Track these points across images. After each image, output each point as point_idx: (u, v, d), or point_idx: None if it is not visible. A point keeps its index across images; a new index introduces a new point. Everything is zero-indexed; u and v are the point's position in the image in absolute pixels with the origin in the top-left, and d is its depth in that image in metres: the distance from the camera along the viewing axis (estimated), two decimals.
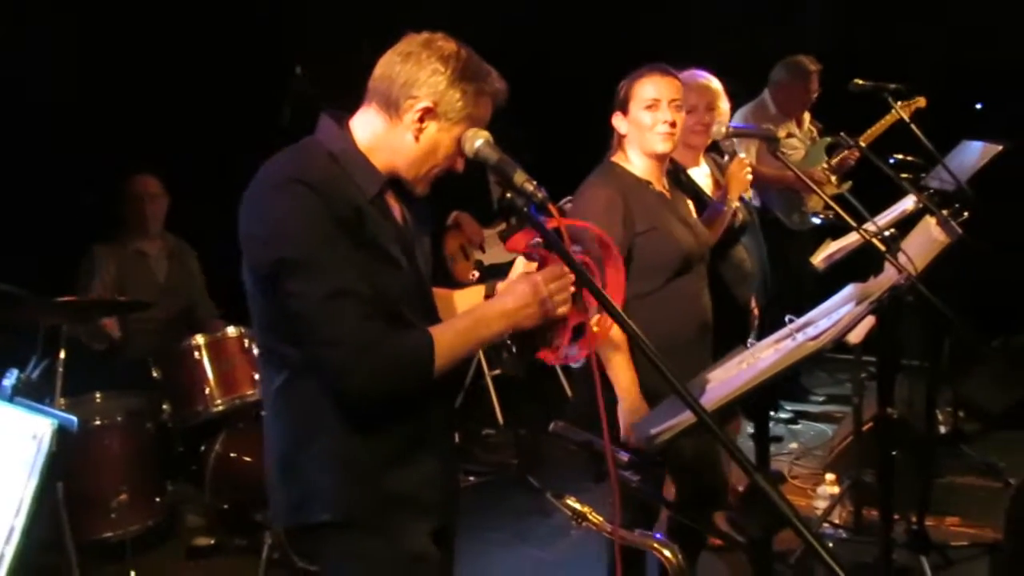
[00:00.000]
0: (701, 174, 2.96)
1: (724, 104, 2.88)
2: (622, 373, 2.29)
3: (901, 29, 5.32)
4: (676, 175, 2.65)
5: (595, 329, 1.64)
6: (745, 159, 2.84)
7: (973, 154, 4.03)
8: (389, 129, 1.62)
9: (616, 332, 2.16)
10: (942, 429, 3.99)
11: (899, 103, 3.65)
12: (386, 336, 1.54)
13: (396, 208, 1.69)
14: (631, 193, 2.38)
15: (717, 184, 2.94)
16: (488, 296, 1.79)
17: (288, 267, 1.51)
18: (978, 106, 5.18)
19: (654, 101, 2.37)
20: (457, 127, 1.61)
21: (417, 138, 1.61)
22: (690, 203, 2.64)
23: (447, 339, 1.59)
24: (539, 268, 1.67)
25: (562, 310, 1.61)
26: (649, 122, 2.37)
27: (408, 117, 1.59)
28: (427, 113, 1.59)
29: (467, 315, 1.67)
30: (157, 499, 3.53)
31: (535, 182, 1.57)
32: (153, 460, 3.53)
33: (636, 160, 2.46)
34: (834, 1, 5.60)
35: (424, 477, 1.67)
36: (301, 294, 1.51)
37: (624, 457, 1.68)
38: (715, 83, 2.89)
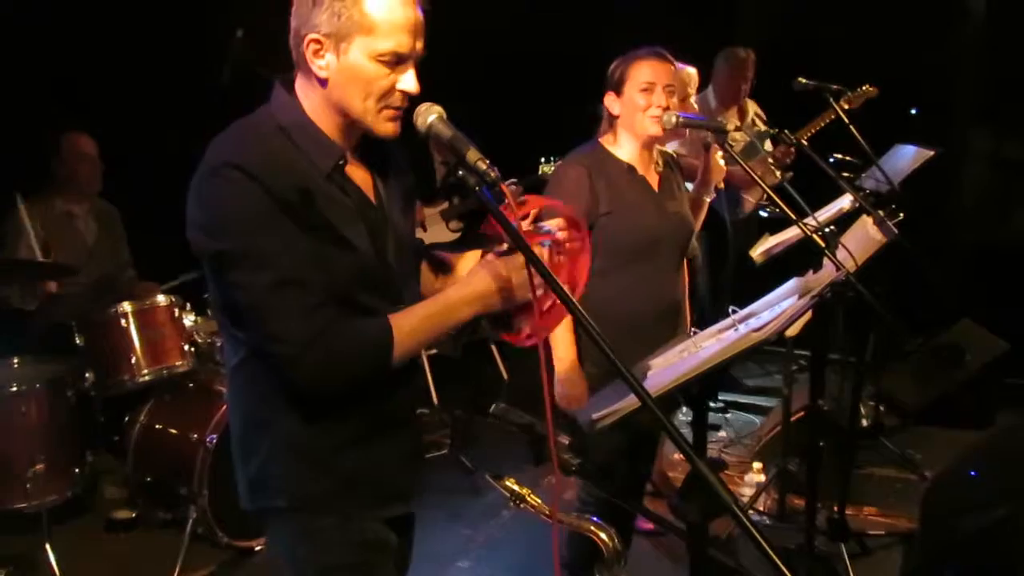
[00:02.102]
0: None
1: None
2: (561, 339, 2.37)
3: (833, 32, 5.46)
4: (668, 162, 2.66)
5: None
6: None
7: (906, 157, 4.16)
8: (310, 86, 1.51)
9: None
10: (864, 422, 4.12)
11: (848, 95, 3.76)
12: (336, 325, 1.47)
13: (366, 180, 1.59)
14: (602, 174, 2.41)
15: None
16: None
17: (228, 258, 1.44)
18: (913, 111, 5.34)
19: (649, 84, 2.40)
20: (355, 43, 1.45)
21: (324, 79, 1.47)
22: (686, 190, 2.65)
23: (409, 326, 1.52)
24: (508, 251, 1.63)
25: (529, 294, 1.56)
26: (643, 104, 2.40)
27: (309, 61, 1.47)
28: (317, 45, 1.45)
29: (433, 301, 1.59)
30: (76, 470, 3.40)
31: (488, 161, 1.52)
32: (73, 429, 3.39)
33: (625, 143, 2.48)
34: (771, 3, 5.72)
35: (384, 463, 1.62)
36: (243, 286, 1.44)
37: (566, 440, 1.67)
38: (691, 73, 2.91)
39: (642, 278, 2.44)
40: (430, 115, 1.51)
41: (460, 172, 1.53)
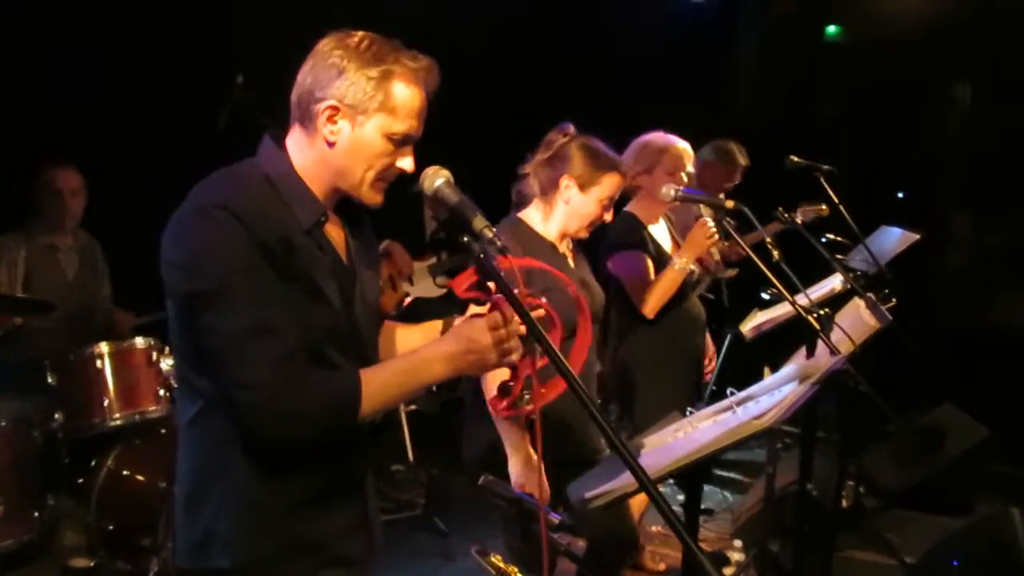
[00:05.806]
0: (660, 231, 3.05)
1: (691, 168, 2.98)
2: (508, 430, 2.24)
3: (825, 114, 5.59)
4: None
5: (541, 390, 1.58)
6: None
7: (892, 239, 4.21)
8: (310, 144, 1.53)
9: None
10: (844, 503, 4.08)
11: (804, 208, 3.81)
12: (305, 378, 1.44)
13: (340, 238, 1.60)
14: (532, 253, 2.36)
15: (675, 241, 3.03)
16: (444, 331, 1.69)
17: (204, 299, 1.41)
18: (900, 195, 5.44)
19: (611, 201, 2.43)
20: (374, 119, 1.49)
21: (332, 143, 1.50)
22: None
23: (379, 381, 1.50)
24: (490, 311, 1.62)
25: (512, 358, 1.54)
26: (596, 215, 2.43)
27: (319, 123, 1.50)
28: (334, 112, 1.49)
29: (407, 357, 1.58)
30: (35, 513, 3.28)
31: (495, 228, 1.51)
32: (36, 471, 3.29)
33: (555, 223, 2.47)
34: (763, 84, 5.85)
35: (337, 527, 1.58)
36: (216, 329, 1.41)
37: (555, 519, 1.63)
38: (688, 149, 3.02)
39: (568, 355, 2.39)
40: (437, 179, 1.53)
41: (465, 238, 1.52)
